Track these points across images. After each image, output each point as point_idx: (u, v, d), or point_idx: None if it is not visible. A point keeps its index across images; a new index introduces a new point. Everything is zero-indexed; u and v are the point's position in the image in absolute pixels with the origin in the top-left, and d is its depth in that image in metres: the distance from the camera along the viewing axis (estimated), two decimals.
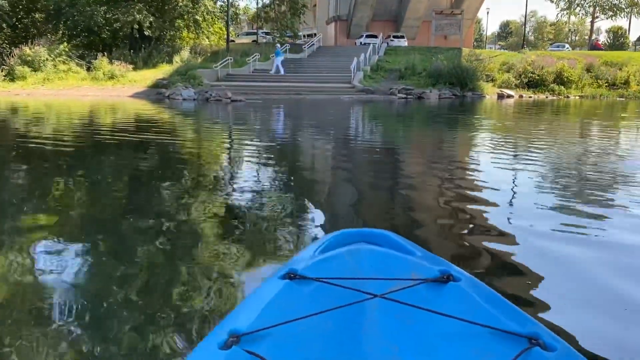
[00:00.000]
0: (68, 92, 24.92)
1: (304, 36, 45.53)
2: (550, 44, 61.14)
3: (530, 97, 30.32)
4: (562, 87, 31.74)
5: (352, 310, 1.25)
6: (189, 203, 4.82)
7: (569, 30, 69.48)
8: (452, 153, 9.21)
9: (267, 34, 45.59)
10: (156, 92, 24.21)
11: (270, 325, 1.19)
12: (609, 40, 61.89)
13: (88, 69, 28.02)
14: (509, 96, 29.57)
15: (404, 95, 26.98)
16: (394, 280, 1.36)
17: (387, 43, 39.79)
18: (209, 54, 33.33)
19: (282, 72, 30.58)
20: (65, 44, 28.93)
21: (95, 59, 28.33)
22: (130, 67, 28.52)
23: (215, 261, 3.25)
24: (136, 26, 31.29)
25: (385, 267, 1.46)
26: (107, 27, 33.24)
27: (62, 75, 27.41)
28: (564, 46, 50.86)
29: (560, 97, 30.75)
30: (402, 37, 43.24)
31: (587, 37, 71.04)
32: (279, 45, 33.80)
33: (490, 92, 30.12)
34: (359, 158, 8.34)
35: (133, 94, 24.81)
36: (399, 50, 36.66)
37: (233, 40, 45.73)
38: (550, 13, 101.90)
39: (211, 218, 4.33)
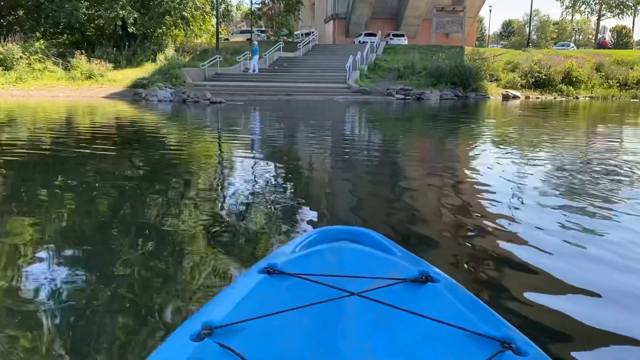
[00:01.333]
0: (39, 92, 22.67)
1: (303, 35, 43.18)
2: (554, 43, 58.65)
3: (538, 98, 27.97)
4: (571, 87, 29.38)
5: (329, 307, 1.23)
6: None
7: (573, 29, 67.01)
8: (454, 167, 7.01)
9: (262, 32, 43.35)
10: (133, 93, 21.96)
11: (244, 319, 1.15)
12: (612, 40, 59.58)
13: (66, 68, 25.73)
14: (515, 97, 27.23)
15: (402, 96, 24.67)
16: (373, 279, 1.33)
17: (387, 41, 37.46)
18: (198, 53, 31.02)
19: (256, 70, 28.36)
20: (42, 41, 26.60)
21: (65, 57, 26.06)
22: (110, 66, 26.24)
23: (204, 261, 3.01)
24: (120, 23, 29.01)
25: (366, 265, 1.43)
26: (92, 25, 31.05)
27: (37, 74, 25.14)
28: (569, 45, 48.43)
29: (569, 98, 28.40)
30: (402, 35, 40.92)
31: (590, 37, 68.61)
32: (256, 42, 31.50)
33: (494, 93, 27.79)
34: (344, 179, 6.06)
35: (109, 94, 22.58)
36: (398, 49, 34.32)
37: (227, 39, 43.48)
38: (554, 12, 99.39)
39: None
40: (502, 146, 8.87)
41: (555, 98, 28.17)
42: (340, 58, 29.97)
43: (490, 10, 58.22)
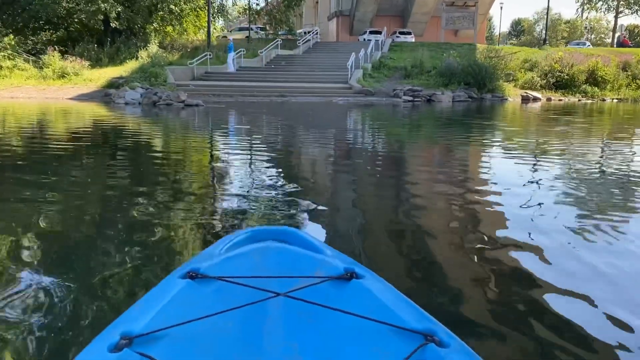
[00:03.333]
0: None
1: (305, 33, 39.92)
2: (566, 43, 54.99)
3: (560, 100, 24.60)
4: (596, 88, 25.98)
5: (254, 310, 1.21)
6: None
7: (585, 28, 63.32)
8: (486, 202, 4.27)
9: (262, 29, 40.12)
10: (104, 94, 18.84)
11: (166, 327, 1.10)
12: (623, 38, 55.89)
13: (38, 67, 22.66)
14: (535, 99, 23.89)
15: (410, 98, 21.39)
16: (299, 278, 1.31)
17: (393, 39, 34.12)
18: (188, 50, 27.86)
19: (231, 69, 25.25)
20: (11, 36, 23.52)
21: (41, 54, 22.92)
22: (87, 63, 23.13)
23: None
24: (101, 17, 25.89)
25: (292, 265, 1.40)
26: (75, 20, 27.99)
27: (5, 72, 22.12)
28: (584, 43, 44.79)
29: (594, 100, 25.02)
30: (409, 33, 37.52)
31: (603, 35, 64.86)
32: (231, 39, 28.27)
33: (512, 94, 24.47)
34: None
35: (77, 95, 19.50)
36: (404, 46, 31.00)
37: (225, 36, 40.30)
38: (565, 10, 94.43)
39: None
40: (545, 171, 5.68)
41: (579, 100, 24.81)
42: (343, 56, 26.72)
43: (501, 7, 54.67)
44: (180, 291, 1.25)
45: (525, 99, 23.80)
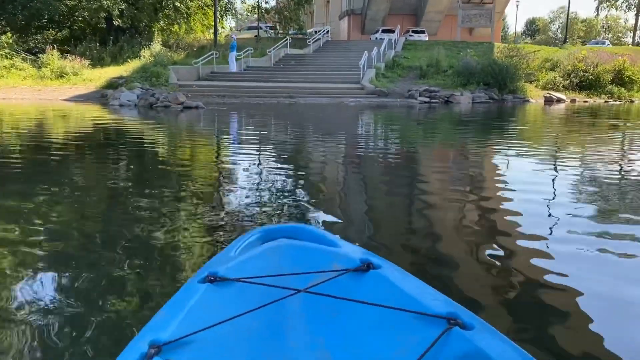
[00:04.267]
0: None
1: (316, 33, 38.45)
2: (582, 42, 53.00)
3: (585, 101, 22.91)
4: (622, 88, 24.23)
5: (276, 308, 1.20)
6: None
7: (602, 26, 61.21)
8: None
9: (271, 28, 38.71)
10: (100, 95, 17.48)
11: (192, 332, 1.09)
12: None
13: (36, 66, 21.39)
14: (559, 100, 22.23)
15: (426, 99, 19.84)
16: (316, 274, 1.31)
17: (406, 38, 32.53)
18: (195, 49, 26.50)
19: (233, 69, 23.85)
20: (10, 34, 22.26)
21: (43, 53, 21.61)
22: (87, 63, 21.82)
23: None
24: (104, 15, 24.61)
25: (307, 260, 1.39)
26: (79, 18, 26.76)
27: (2, 72, 20.84)
28: (604, 42, 42.88)
29: (621, 101, 23.30)
30: (423, 32, 35.90)
31: (620, 35, 62.72)
32: (234, 36, 26.79)
33: (534, 95, 22.83)
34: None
35: (73, 96, 18.17)
36: (419, 45, 29.41)
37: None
38: (581, 10, 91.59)
39: None
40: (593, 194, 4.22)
41: (605, 101, 23.09)
42: (354, 55, 25.23)
43: (517, 5, 52.69)
44: (202, 296, 1.23)
45: (549, 101, 22.15)
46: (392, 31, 32.74)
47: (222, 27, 33.41)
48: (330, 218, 3.64)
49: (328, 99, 19.59)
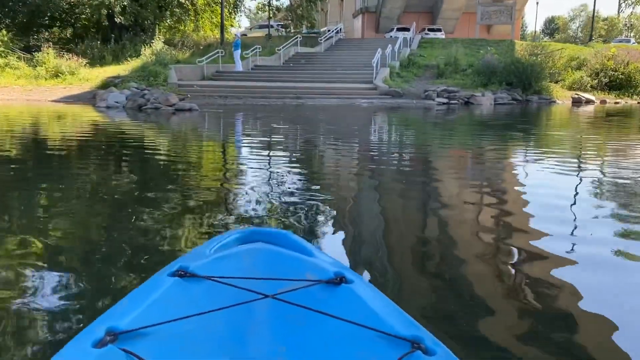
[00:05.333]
0: None
1: (329, 31, 36.83)
2: (603, 41, 50.59)
3: (617, 102, 20.98)
4: None
5: (241, 310, 1.18)
6: None
7: (624, 25, 58.57)
8: None
9: (283, 26, 37.15)
10: (93, 95, 16.01)
11: (152, 324, 1.06)
12: None
13: (31, 65, 20.05)
14: (589, 101, 20.34)
15: (444, 100, 18.10)
16: (288, 281, 1.27)
17: (422, 37, 30.74)
18: (201, 48, 25.02)
19: (238, 67, 22.30)
20: (5, 32, 20.93)
21: (40, 52, 20.25)
22: (84, 62, 20.43)
23: None
24: (105, 12, 23.23)
25: (282, 267, 1.35)
26: (82, 16, 25.45)
27: None
28: (628, 40, 40.63)
29: None
30: (439, 30, 34.07)
31: None
32: (238, 34, 25.19)
33: (560, 96, 20.96)
34: None
35: (63, 97, 16.73)
36: (435, 43, 27.62)
37: (245, 34, 37.44)
38: (602, 8, 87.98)
39: None
40: None
41: (639, 102, 21.13)
42: (367, 54, 23.56)
43: (537, 3, 50.36)
44: (168, 289, 1.20)
45: (577, 102, 20.26)
46: (408, 29, 30.99)
47: (232, 26, 31.85)
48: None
49: (338, 100, 17.96)
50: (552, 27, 65.93)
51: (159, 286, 1.21)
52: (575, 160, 6.47)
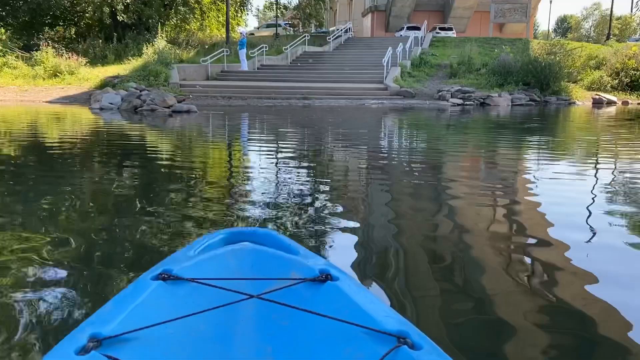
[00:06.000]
0: None
1: (338, 31, 35.85)
2: (617, 40, 49.15)
3: None
4: None
5: (226, 312, 1.17)
6: None
7: (638, 23, 57.00)
8: None
9: (290, 25, 36.25)
10: (89, 96, 15.12)
11: (136, 329, 1.05)
12: None
13: (30, 64, 19.25)
14: (610, 102, 19.21)
15: (459, 101, 17.08)
16: (273, 280, 1.26)
17: (433, 36, 29.68)
18: (206, 47, 24.14)
19: (244, 67, 21.40)
20: (3, 30, 20.14)
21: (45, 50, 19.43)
22: (85, 61, 19.60)
23: None
24: (107, 10, 22.42)
25: (266, 267, 1.34)
26: (86, 14, 24.69)
27: None
28: None
29: None
30: (451, 29, 33.01)
31: None
32: (243, 33, 24.21)
33: (580, 97, 19.85)
34: None
35: (59, 97, 15.89)
36: (448, 41, 26.58)
37: (253, 33, 36.56)
38: (615, 6, 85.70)
39: None
40: None
41: None
42: (377, 53, 22.59)
43: (550, 1, 48.92)
44: (151, 293, 1.18)
45: (597, 103, 19.14)
46: (418, 28, 29.95)
47: (238, 24, 30.96)
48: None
49: (347, 101, 16.99)
50: (564, 27, 64.38)
51: (142, 290, 1.18)
52: (620, 176, 5.45)
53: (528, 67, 19.24)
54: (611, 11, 33.59)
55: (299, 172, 5.02)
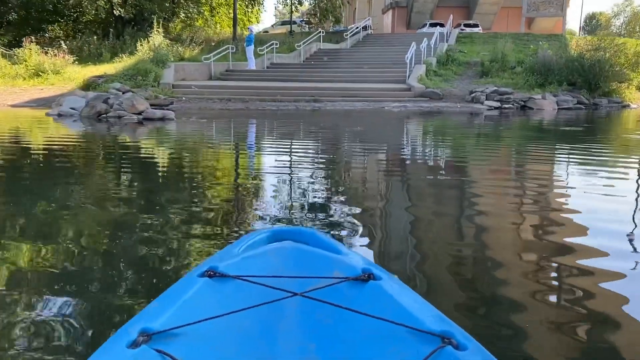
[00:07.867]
0: None
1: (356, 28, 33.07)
2: None
3: None
4: None
5: (271, 309, 1.16)
6: None
7: None
8: None
9: (306, 22, 33.61)
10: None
11: (184, 324, 1.05)
12: None
13: (14, 62, 16.99)
14: None
15: (496, 104, 14.25)
16: (316, 279, 1.23)
17: (459, 32, 26.75)
18: (212, 44, 21.67)
19: (251, 65, 18.94)
20: None
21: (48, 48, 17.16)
22: (73, 59, 17.25)
23: None
24: (103, 4, 20.05)
25: (310, 265, 1.31)
26: (85, 10, 22.43)
27: None
28: None
29: None
30: (476, 25, 30.08)
31: None
32: (251, 28, 21.54)
33: (633, 99, 16.86)
34: None
35: (29, 100, 13.54)
36: (475, 37, 23.68)
37: (267, 31, 34.05)
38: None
39: None
40: None
41: None
42: (399, 50, 19.85)
43: None
44: (198, 289, 1.17)
45: None
46: (442, 25, 27.04)
47: (250, 21, 28.46)
48: None
49: (363, 104, 14.32)
50: (593, 24, 60.43)
51: (189, 287, 1.17)
52: None
53: (573, 64, 16.31)
54: None
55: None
